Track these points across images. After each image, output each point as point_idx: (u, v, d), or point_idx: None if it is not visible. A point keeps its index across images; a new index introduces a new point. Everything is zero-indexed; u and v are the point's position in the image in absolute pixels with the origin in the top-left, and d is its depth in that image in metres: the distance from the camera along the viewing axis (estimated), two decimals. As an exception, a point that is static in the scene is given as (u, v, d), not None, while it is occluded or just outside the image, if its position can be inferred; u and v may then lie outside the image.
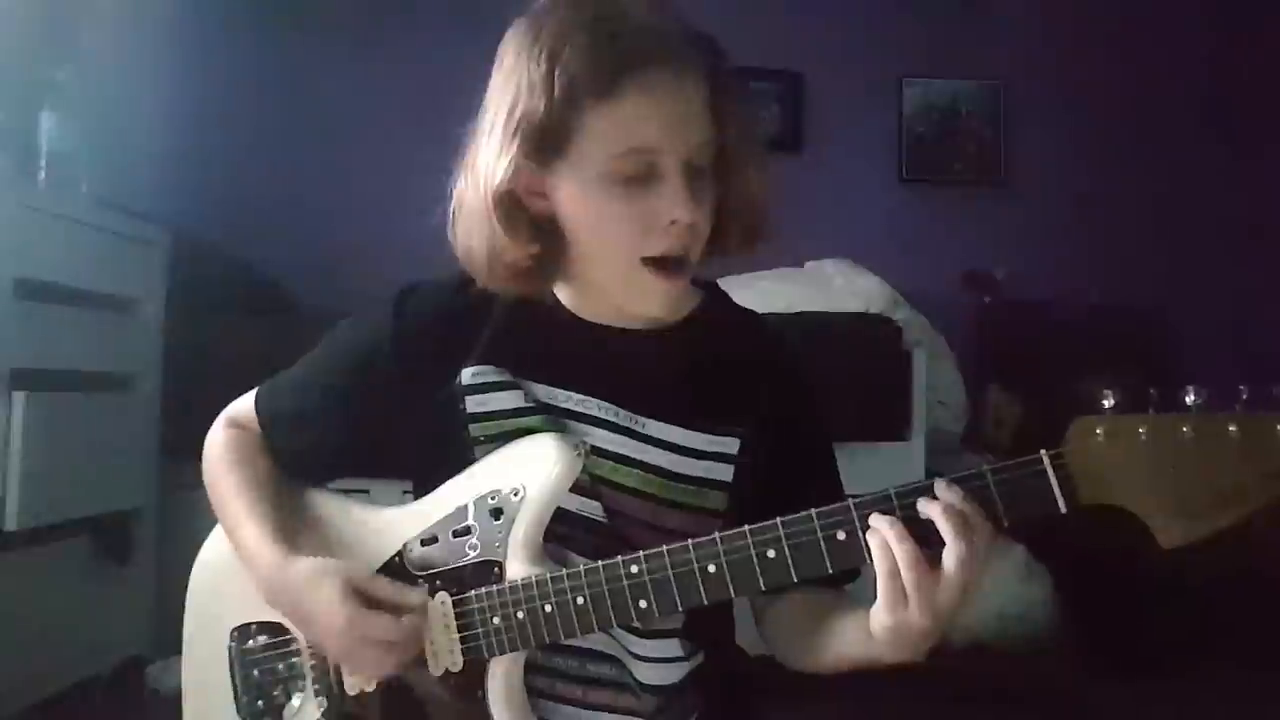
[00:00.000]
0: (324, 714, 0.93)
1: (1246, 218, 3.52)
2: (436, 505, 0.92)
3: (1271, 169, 3.53)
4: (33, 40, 2.34)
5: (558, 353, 0.95)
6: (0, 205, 1.82)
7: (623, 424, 0.92)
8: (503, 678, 0.88)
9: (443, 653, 0.89)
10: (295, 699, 0.95)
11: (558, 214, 0.90)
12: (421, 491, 0.95)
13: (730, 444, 0.92)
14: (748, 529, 0.79)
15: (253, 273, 2.84)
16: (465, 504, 0.90)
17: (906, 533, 0.75)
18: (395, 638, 0.86)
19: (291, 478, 1.01)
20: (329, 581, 0.87)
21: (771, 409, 0.94)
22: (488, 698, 0.87)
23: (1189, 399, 0.70)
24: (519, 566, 0.87)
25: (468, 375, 0.94)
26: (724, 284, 1.02)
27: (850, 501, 0.78)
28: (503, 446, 0.91)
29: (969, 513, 0.74)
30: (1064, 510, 0.72)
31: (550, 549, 0.89)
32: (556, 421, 0.92)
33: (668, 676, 0.91)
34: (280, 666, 0.96)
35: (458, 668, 0.88)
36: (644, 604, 0.82)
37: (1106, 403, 0.72)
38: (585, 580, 0.84)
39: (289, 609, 0.92)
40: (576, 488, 0.89)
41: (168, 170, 3.01)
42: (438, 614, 0.89)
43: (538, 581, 0.85)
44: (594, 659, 0.91)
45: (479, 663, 0.88)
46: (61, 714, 1.91)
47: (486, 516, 0.89)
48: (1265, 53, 3.54)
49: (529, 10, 0.88)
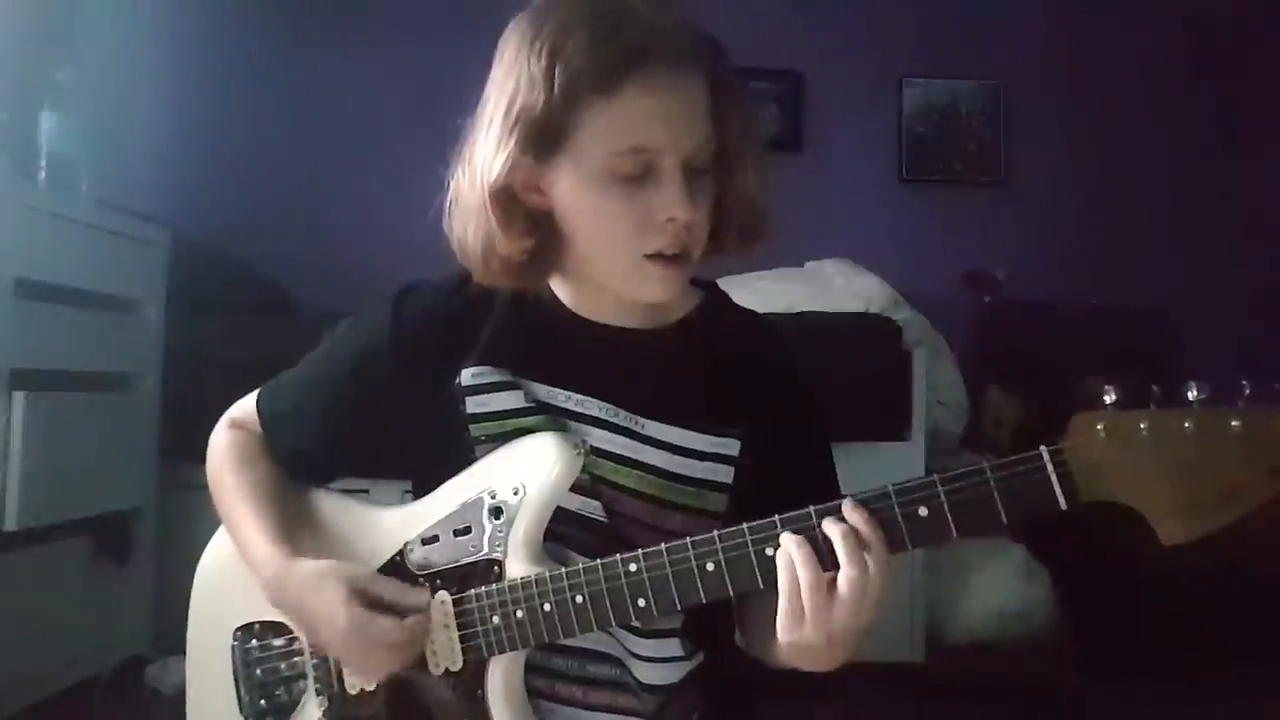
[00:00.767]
0: (325, 713, 0.94)
1: (1247, 218, 3.52)
2: (437, 505, 0.92)
3: (1271, 169, 3.53)
4: (33, 40, 2.34)
5: (557, 352, 0.95)
6: (0, 205, 1.82)
7: (622, 424, 0.92)
8: (502, 677, 0.88)
9: (443, 652, 0.89)
10: (297, 698, 0.95)
11: (554, 210, 0.89)
12: (422, 491, 0.96)
13: (730, 445, 0.92)
14: (746, 527, 0.79)
15: (253, 273, 2.84)
16: (465, 503, 0.90)
17: (812, 555, 0.76)
18: (398, 639, 0.86)
19: (292, 478, 1.01)
20: (332, 583, 0.87)
21: (772, 410, 0.94)
22: (487, 697, 0.87)
23: (1191, 394, 0.69)
24: (519, 566, 0.87)
25: (468, 376, 0.94)
26: (724, 284, 1.02)
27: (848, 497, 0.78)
28: (503, 446, 0.91)
29: (866, 536, 0.75)
30: (1064, 507, 0.71)
31: (550, 548, 0.89)
32: (556, 421, 0.92)
33: (668, 676, 0.91)
34: (283, 666, 0.96)
35: (458, 667, 0.88)
36: (643, 603, 0.82)
37: (1107, 399, 0.71)
38: (584, 579, 0.84)
39: (292, 610, 0.92)
40: (576, 487, 0.89)
41: (168, 170, 3.02)
42: (438, 613, 0.89)
43: (536, 580, 0.85)
44: (594, 659, 0.91)
45: (479, 662, 0.88)
46: (61, 714, 1.91)
47: (487, 516, 0.89)
48: (1266, 53, 3.54)
49: (531, 5, 0.88)
